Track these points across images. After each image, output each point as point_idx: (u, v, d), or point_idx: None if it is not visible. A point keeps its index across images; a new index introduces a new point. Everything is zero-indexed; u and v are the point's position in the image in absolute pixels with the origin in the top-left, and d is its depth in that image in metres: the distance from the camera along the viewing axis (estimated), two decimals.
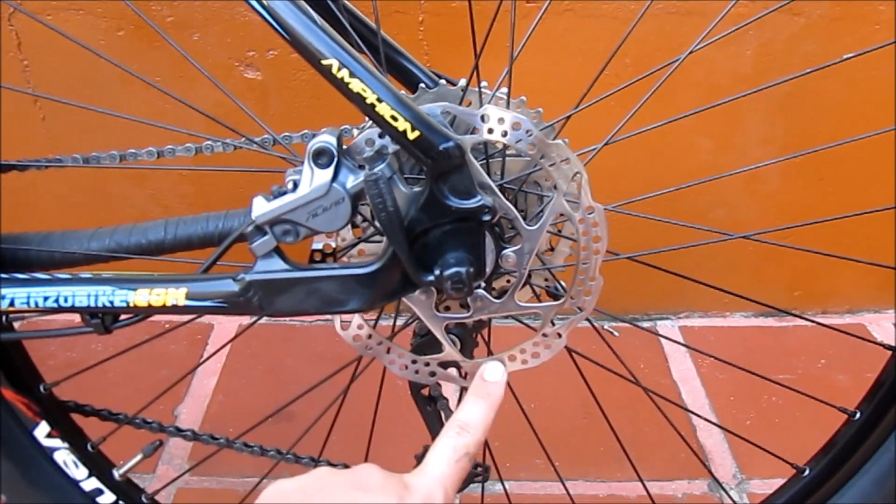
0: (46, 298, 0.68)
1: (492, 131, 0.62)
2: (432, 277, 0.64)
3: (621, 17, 1.31)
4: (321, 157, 0.61)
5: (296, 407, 0.88)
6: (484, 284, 0.68)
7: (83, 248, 0.74)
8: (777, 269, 1.57)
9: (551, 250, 0.78)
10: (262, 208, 0.63)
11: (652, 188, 0.78)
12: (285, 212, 0.62)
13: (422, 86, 0.71)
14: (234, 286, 0.65)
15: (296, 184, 0.62)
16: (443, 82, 0.72)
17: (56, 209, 1.52)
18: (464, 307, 0.70)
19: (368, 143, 0.63)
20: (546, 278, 0.77)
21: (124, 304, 0.67)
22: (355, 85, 0.58)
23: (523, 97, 0.70)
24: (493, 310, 0.69)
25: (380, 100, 0.59)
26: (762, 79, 1.36)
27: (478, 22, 0.68)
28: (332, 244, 0.70)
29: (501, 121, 0.62)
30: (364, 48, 0.72)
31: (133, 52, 1.35)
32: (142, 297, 0.67)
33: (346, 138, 0.66)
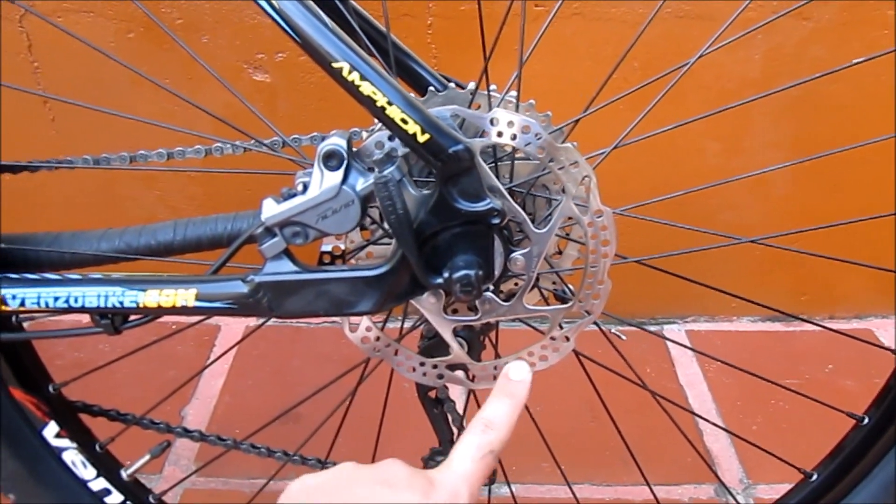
0: (57, 299, 0.68)
1: (501, 135, 0.63)
2: (441, 280, 0.65)
3: (630, 20, 1.31)
4: (331, 159, 0.61)
5: (302, 408, 0.88)
6: (492, 287, 0.68)
7: (93, 248, 0.74)
8: (784, 274, 1.56)
9: (559, 253, 0.78)
10: (272, 210, 0.63)
11: (659, 191, 0.78)
12: (295, 214, 0.63)
13: (431, 89, 0.71)
14: (243, 287, 0.66)
15: (306, 186, 0.63)
16: (452, 85, 0.72)
17: (65, 210, 1.52)
18: (471, 310, 0.70)
19: (378, 146, 0.64)
20: (554, 281, 0.77)
21: (134, 305, 0.67)
22: (366, 88, 0.58)
23: (532, 100, 0.70)
24: (502, 313, 0.69)
25: (390, 103, 0.59)
26: (771, 83, 1.36)
27: (486, 25, 0.68)
28: (342, 246, 0.70)
29: (511, 124, 0.62)
30: (374, 51, 0.72)
31: (142, 55, 1.36)
32: (152, 297, 0.67)
33: (355, 141, 0.66)
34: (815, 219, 1.47)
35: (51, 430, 0.82)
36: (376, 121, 0.63)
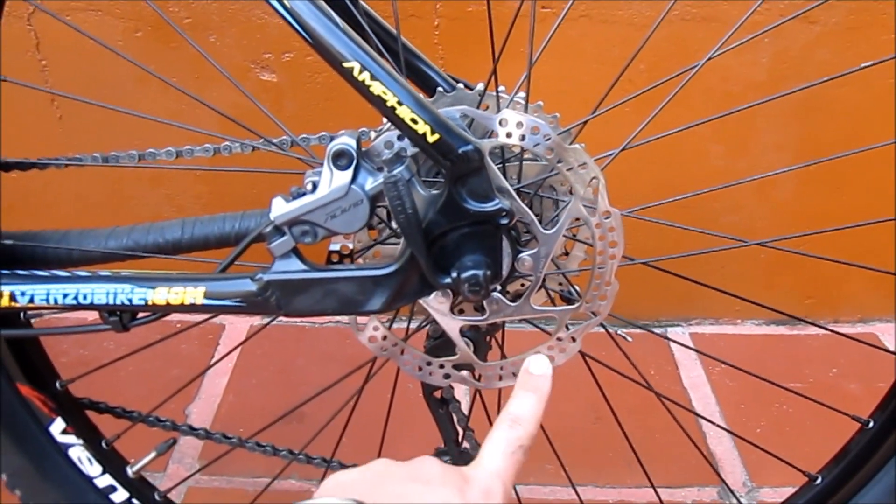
0: (66, 295, 0.68)
1: (510, 135, 0.63)
2: (449, 280, 0.65)
3: (636, 22, 1.32)
4: (341, 158, 0.62)
5: (307, 407, 0.89)
6: (499, 287, 0.68)
7: (101, 246, 0.75)
8: (789, 277, 1.56)
9: (566, 254, 0.78)
10: (281, 209, 0.63)
11: (663, 193, 0.78)
12: (304, 213, 0.63)
13: (439, 89, 0.71)
14: (252, 286, 0.66)
15: (315, 185, 0.63)
16: (460, 86, 0.72)
17: (72, 209, 1.53)
18: (478, 310, 0.70)
19: (387, 146, 0.64)
20: (560, 282, 0.77)
21: (143, 303, 0.68)
22: (376, 88, 0.59)
23: (540, 101, 0.70)
24: (509, 313, 0.69)
25: (400, 103, 0.59)
26: (777, 86, 1.36)
27: (492, 27, 0.68)
28: (350, 245, 0.70)
29: (520, 125, 0.63)
30: (384, 52, 0.72)
31: (150, 54, 1.36)
32: (160, 295, 0.67)
33: (364, 141, 0.66)
34: (820, 222, 1.48)
35: (57, 427, 0.83)
36: (385, 120, 0.64)
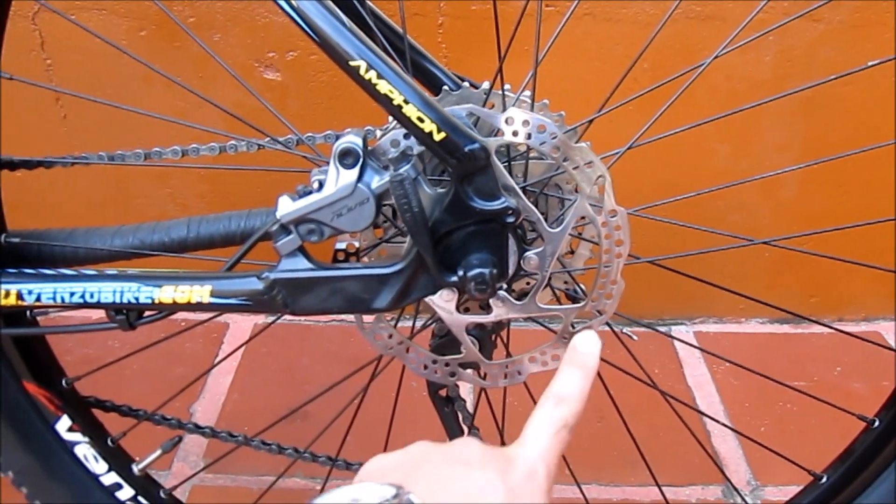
0: (73, 294, 0.69)
1: (516, 133, 0.63)
2: (455, 278, 0.65)
3: (640, 21, 1.31)
4: (347, 157, 0.62)
5: (311, 406, 0.89)
6: (505, 286, 0.68)
7: (107, 244, 0.75)
8: (793, 276, 1.56)
9: (571, 253, 0.78)
10: (287, 207, 0.63)
11: (667, 192, 0.78)
12: (311, 211, 0.63)
13: (445, 88, 0.71)
14: (258, 284, 0.66)
15: (321, 183, 0.63)
16: (466, 85, 0.72)
17: (77, 207, 1.53)
18: (483, 309, 0.70)
19: (393, 144, 0.64)
20: (566, 281, 0.78)
21: (150, 301, 0.68)
22: (383, 86, 0.59)
23: (546, 100, 0.70)
24: (515, 311, 0.69)
25: (406, 101, 0.59)
26: (781, 84, 1.36)
27: (494, 25, 0.68)
28: (356, 244, 0.70)
29: (526, 123, 0.63)
30: (390, 51, 0.72)
31: (154, 53, 1.36)
32: (167, 293, 0.67)
33: (370, 139, 0.66)
34: (824, 221, 1.47)
35: (63, 424, 0.83)
36: (391, 119, 0.64)
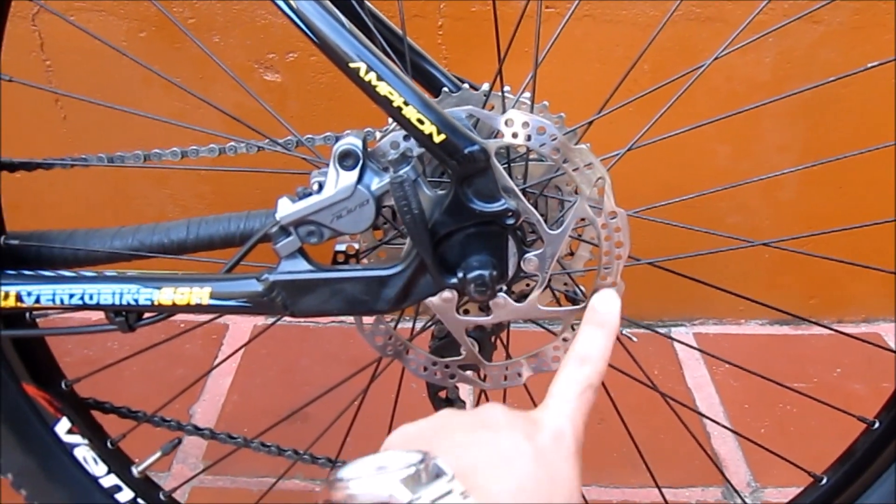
0: (72, 296, 0.68)
1: (516, 135, 0.63)
2: (455, 280, 0.65)
3: (640, 22, 1.31)
4: (347, 159, 0.62)
5: (311, 407, 0.89)
6: (505, 288, 0.68)
7: (106, 246, 0.75)
8: (793, 277, 1.56)
9: (571, 255, 0.78)
10: (287, 209, 0.63)
11: (667, 193, 0.78)
12: (310, 213, 0.63)
13: (445, 90, 0.71)
14: (258, 286, 0.66)
15: (321, 185, 0.63)
16: (465, 86, 0.72)
17: (76, 209, 1.53)
18: (483, 310, 0.70)
19: (393, 146, 0.64)
20: (565, 283, 0.77)
21: (149, 303, 0.68)
22: (382, 88, 0.59)
23: (546, 102, 0.70)
24: (514, 313, 0.69)
25: (406, 103, 0.59)
26: (781, 85, 1.36)
27: (494, 26, 0.68)
28: (356, 246, 0.70)
29: (526, 125, 0.62)
30: (390, 52, 0.72)
31: (154, 54, 1.36)
32: (166, 295, 0.67)
33: (370, 141, 0.66)
34: (824, 222, 1.47)
35: (63, 426, 0.83)
36: (391, 121, 0.64)
